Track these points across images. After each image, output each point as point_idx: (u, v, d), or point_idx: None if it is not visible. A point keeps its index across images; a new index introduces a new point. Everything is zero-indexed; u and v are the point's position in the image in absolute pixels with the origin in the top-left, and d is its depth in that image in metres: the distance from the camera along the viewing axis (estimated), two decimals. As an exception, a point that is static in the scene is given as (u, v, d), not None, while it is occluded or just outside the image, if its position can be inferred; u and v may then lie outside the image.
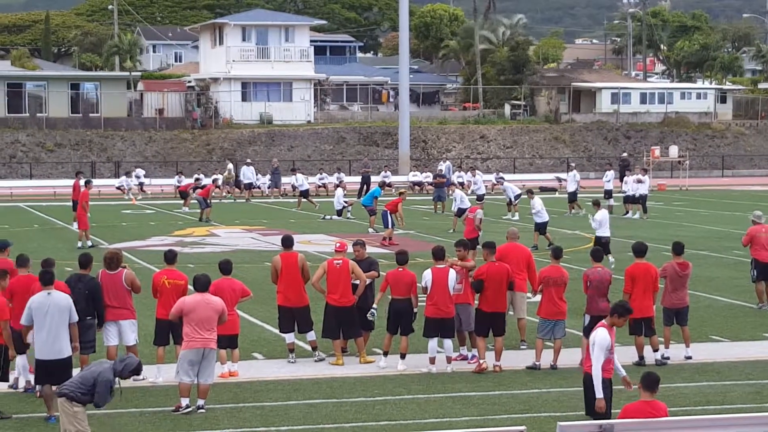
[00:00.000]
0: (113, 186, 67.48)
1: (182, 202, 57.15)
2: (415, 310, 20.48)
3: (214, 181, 59.99)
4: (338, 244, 21.43)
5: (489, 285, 20.29)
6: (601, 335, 14.95)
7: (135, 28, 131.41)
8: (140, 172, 69.90)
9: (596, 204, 34.83)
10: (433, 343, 20.22)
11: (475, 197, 52.27)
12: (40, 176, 77.01)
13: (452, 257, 20.87)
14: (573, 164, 61.69)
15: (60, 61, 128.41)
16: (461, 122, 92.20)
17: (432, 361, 20.19)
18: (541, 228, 38.38)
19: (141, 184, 67.56)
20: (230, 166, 68.78)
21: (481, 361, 20.18)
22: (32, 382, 18.48)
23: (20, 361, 18.43)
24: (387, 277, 20.51)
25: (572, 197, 53.09)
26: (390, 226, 40.75)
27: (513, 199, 49.46)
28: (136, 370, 14.64)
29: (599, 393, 14.75)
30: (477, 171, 60.56)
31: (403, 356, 20.42)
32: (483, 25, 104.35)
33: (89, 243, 38.87)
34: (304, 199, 57.58)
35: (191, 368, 17.33)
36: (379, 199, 46.01)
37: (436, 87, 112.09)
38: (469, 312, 20.64)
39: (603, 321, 15.34)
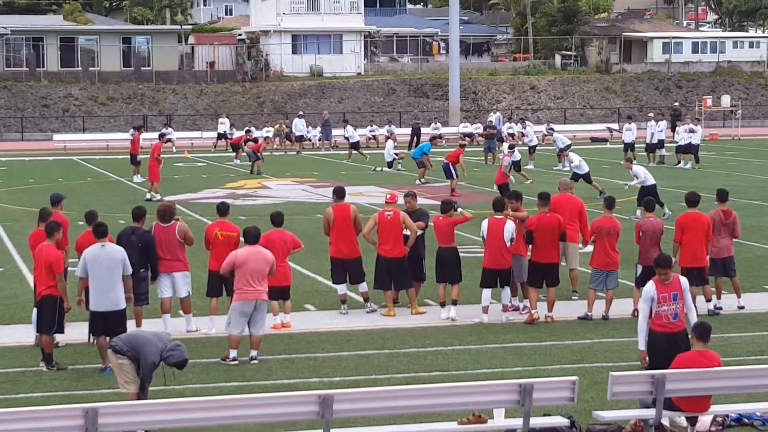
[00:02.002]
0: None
1: (234, 154, 57.30)
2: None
3: (266, 139, 60.25)
4: (389, 196, 21.45)
5: (540, 236, 20.24)
6: (645, 288, 14.88)
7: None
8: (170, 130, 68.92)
9: (629, 161, 34.72)
10: (487, 292, 20.23)
11: (527, 148, 52.20)
12: (92, 130, 77.41)
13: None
14: (650, 114, 61.01)
15: (111, 15, 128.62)
16: (511, 73, 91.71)
17: (485, 310, 20.21)
18: (586, 179, 38.25)
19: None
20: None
21: (533, 312, 20.18)
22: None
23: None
24: (435, 223, 20.65)
25: (651, 148, 52.51)
26: (454, 176, 40.71)
27: (563, 149, 49.19)
28: (179, 365, 14.38)
29: (641, 345, 14.69)
30: (528, 122, 60.28)
31: (454, 303, 20.48)
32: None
33: (158, 196, 38.99)
34: (355, 151, 57.61)
35: (243, 319, 17.44)
36: (436, 151, 46.13)
37: (486, 38, 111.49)
38: (521, 263, 20.65)
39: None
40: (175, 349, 14.30)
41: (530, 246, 20.51)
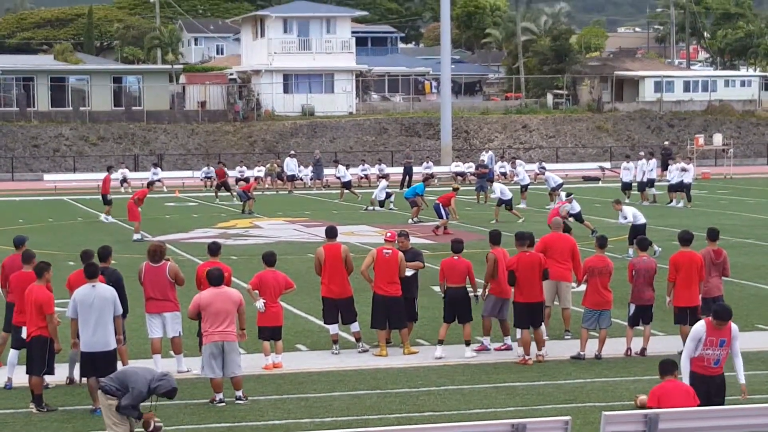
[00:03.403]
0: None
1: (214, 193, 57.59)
2: (476, 293, 20.61)
3: (257, 179, 60.39)
4: (389, 234, 21.40)
5: (521, 275, 20.18)
6: (695, 327, 14.63)
7: (176, 21, 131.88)
8: (125, 170, 68.52)
9: (617, 202, 34.90)
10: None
11: (519, 188, 52.22)
12: (83, 170, 77.40)
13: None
14: (642, 153, 61.14)
15: (102, 55, 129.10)
16: (503, 112, 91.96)
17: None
18: (577, 218, 38.32)
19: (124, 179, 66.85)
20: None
21: (527, 357, 20.05)
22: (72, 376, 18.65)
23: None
24: (442, 266, 20.52)
25: (642, 186, 52.65)
26: (444, 216, 40.69)
27: (555, 188, 49.22)
28: (169, 394, 14.38)
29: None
30: (518, 161, 60.34)
31: (468, 343, 20.43)
32: (525, 14, 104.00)
33: (147, 236, 38.91)
34: (347, 191, 57.67)
35: (214, 361, 17.34)
36: (429, 190, 46.27)
37: (478, 77, 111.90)
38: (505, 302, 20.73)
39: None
40: (163, 379, 14.35)
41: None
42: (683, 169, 50.74)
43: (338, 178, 59.32)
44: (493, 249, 20.74)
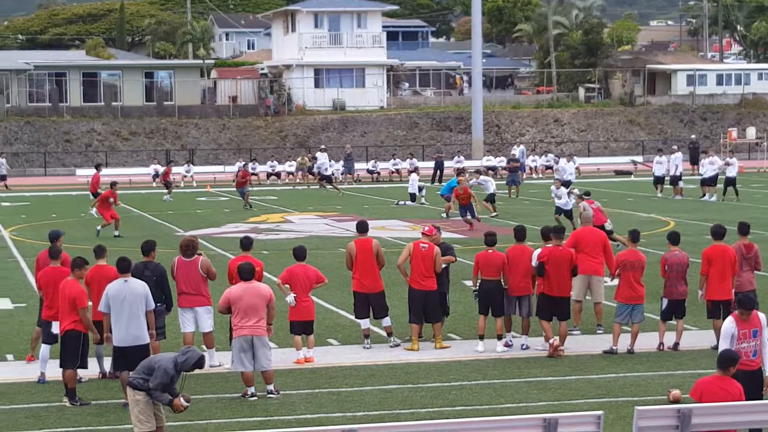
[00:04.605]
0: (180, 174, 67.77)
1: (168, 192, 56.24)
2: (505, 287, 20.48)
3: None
4: (426, 228, 21.37)
5: (551, 268, 20.12)
6: (724, 325, 14.53)
7: (208, 16, 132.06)
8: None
9: (580, 197, 34.95)
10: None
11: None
12: (115, 165, 77.64)
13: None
14: (674, 147, 60.83)
15: (134, 50, 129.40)
16: (535, 106, 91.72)
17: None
18: (568, 215, 37.80)
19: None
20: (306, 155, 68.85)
21: (552, 339, 20.02)
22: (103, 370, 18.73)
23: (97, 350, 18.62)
24: (477, 259, 20.48)
25: (674, 180, 52.28)
26: (468, 215, 40.32)
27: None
28: (198, 364, 14.43)
29: None
30: (564, 157, 59.64)
31: (500, 337, 20.38)
32: (556, 8, 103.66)
33: (116, 232, 38.92)
34: (329, 185, 58.01)
35: (244, 355, 17.37)
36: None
37: (509, 71, 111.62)
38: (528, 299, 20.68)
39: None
40: (187, 353, 14.40)
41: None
42: (727, 163, 50.56)
43: (317, 170, 59.78)
44: (516, 245, 20.63)
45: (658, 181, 52.94)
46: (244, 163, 58.73)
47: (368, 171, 69.10)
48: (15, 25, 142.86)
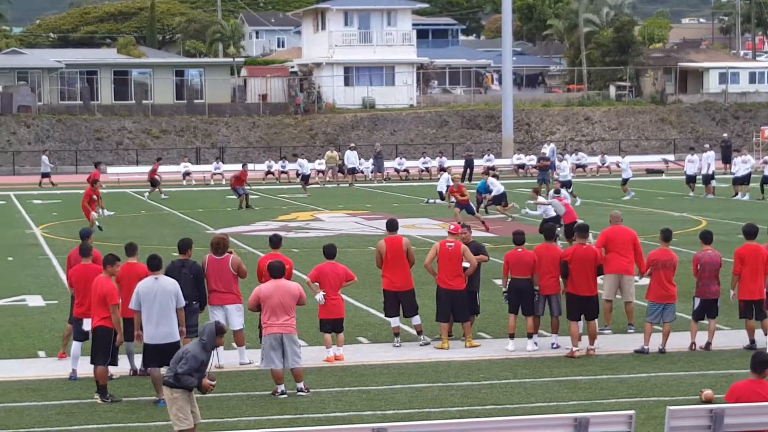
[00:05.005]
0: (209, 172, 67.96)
1: (149, 190, 55.71)
2: (536, 287, 20.38)
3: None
4: (452, 227, 21.35)
5: (575, 267, 20.04)
6: None
7: (238, 14, 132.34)
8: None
9: (536, 191, 34.73)
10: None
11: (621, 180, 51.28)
12: (146, 162, 77.73)
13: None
14: (707, 145, 60.55)
15: (164, 48, 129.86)
16: (565, 104, 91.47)
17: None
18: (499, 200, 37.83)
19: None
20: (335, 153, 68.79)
21: (575, 349, 19.92)
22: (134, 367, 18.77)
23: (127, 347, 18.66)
24: (507, 258, 20.42)
25: (706, 179, 52.00)
26: (475, 212, 40.04)
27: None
28: (220, 330, 14.35)
29: None
30: (623, 155, 59.16)
31: (530, 336, 20.34)
32: (587, 5, 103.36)
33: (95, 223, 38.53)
34: (303, 185, 57.77)
35: (274, 354, 17.38)
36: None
37: (540, 69, 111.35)
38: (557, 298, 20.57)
39: None
40: (205, 331, 14.31)
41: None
42: (765, 162, 50.32)
43: (297, 173, 59.45)
44: (544, 244, 20.58)
45: (690, 179, 52.68)
46: (243, 163, 58.36)
47: (395, 170, 69.04)
48: (47, 24, 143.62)
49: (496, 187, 43.59)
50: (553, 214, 32.81)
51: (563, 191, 36.23)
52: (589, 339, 20.14)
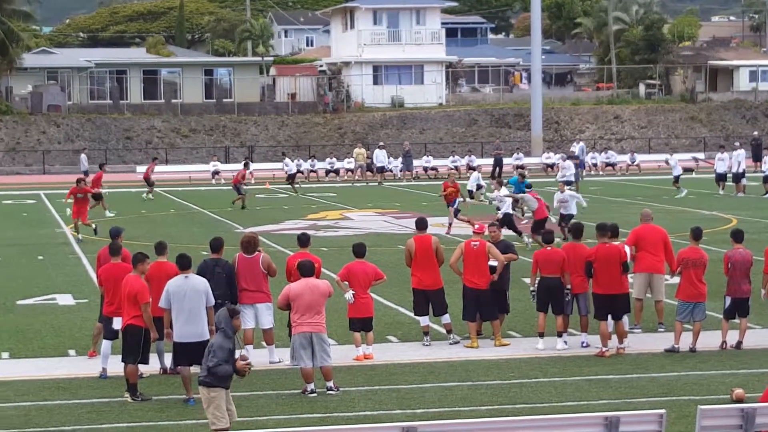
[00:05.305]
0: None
1: (147, 190, 54.84)
2: (568, 286, 20.29)
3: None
4: (477, 226, 21.33)
5: (599, 266, 19.96)
6: None
7: (267, 13, 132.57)
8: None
9: (499, 183, 34.64)
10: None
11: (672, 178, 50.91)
12: (175, 161, 78.18)
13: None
14: (737, 143, 60.29)
15: (193, 48, 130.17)
16: (594, 103, 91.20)
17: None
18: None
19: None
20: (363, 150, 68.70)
21: (604, 349, 19.84)
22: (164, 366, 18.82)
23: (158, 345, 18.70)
24: (536, 257, 20.38)
25: (737, 177, 51.81)
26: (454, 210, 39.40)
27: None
28: (233, 312, 14.46)
29: None
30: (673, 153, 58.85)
31: (560, 335, 20.28)
32: (616, 4, 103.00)
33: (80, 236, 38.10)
34: (289, 184, 57.50)
35: (304, 352, 17.39)
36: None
37: (569, 67, 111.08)
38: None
39: None
40: (219, 318, 14.52)
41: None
42: None
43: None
44: (572, 243, 20.55)
45: (720, 178, 52.45)
46: (246, 162, 58.09)
47: (423, 168, 68.98)
48: (77, 23, 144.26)
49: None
50: (506, 208, 33.19)
51: (567, 190, 35.90)
52: (618, 338, 20.06)
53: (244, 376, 14.44)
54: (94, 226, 37.93)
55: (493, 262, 20.56)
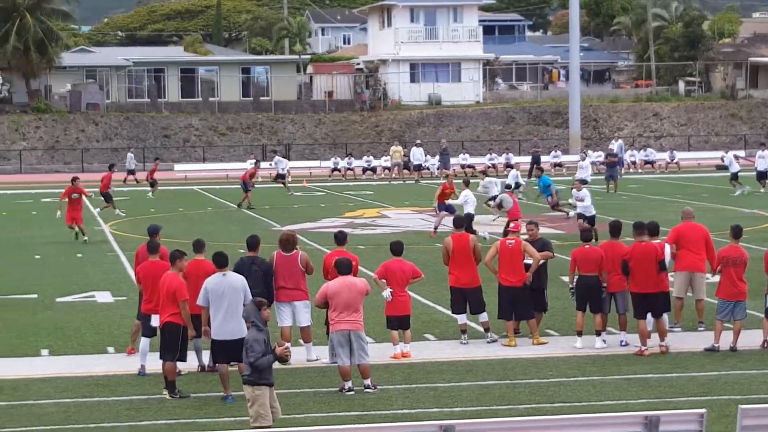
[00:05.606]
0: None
1: (151, 190, 54.99)
2: (604, 284, 20.15)
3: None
4: (512, 224, 21.25)
5: (635, 265, 19.82)
6: None
7: (304, 11, 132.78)
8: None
9: (466, 183, 34.58)
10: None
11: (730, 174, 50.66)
12: (212, 159, 78.39)
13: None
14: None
15: (230, 46, 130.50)
16: (633, 100, 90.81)
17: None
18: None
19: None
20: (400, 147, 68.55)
21: (644, 348, 19.70)
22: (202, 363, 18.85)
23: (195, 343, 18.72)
24: (574, 255, 20.28)
25: (762, 175, 51.41)
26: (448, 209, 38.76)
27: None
28: (260, 304, 14.49)
29: None
30: (731, 152, 58.55)
31: (598, 333, 20.18)
32: (656, 0, 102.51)
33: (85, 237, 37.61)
34: (281, 184, 57.02)
35: (342, 349, 17.37)
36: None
37: (607, 65, 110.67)
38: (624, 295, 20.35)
39: None
40: (248, 310, 14.74)
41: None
42: None
43: (281, 169, 58.21)
44: (610, 241, 20.41)
45: (761, 176, 52.08)
46: (256, 160, 57.81)
47: (460, 166, 68.79)
48: (115, 22, 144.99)
49: (493, 189, 40.80)
50: (470, 208, 33.29)
51: (584, 189, 35.33)
52: (659, 336, 19.93)
53: (286, 361, 14.45)
54: (77, 230, 37.33)
55: (528, 260, 20.48)
